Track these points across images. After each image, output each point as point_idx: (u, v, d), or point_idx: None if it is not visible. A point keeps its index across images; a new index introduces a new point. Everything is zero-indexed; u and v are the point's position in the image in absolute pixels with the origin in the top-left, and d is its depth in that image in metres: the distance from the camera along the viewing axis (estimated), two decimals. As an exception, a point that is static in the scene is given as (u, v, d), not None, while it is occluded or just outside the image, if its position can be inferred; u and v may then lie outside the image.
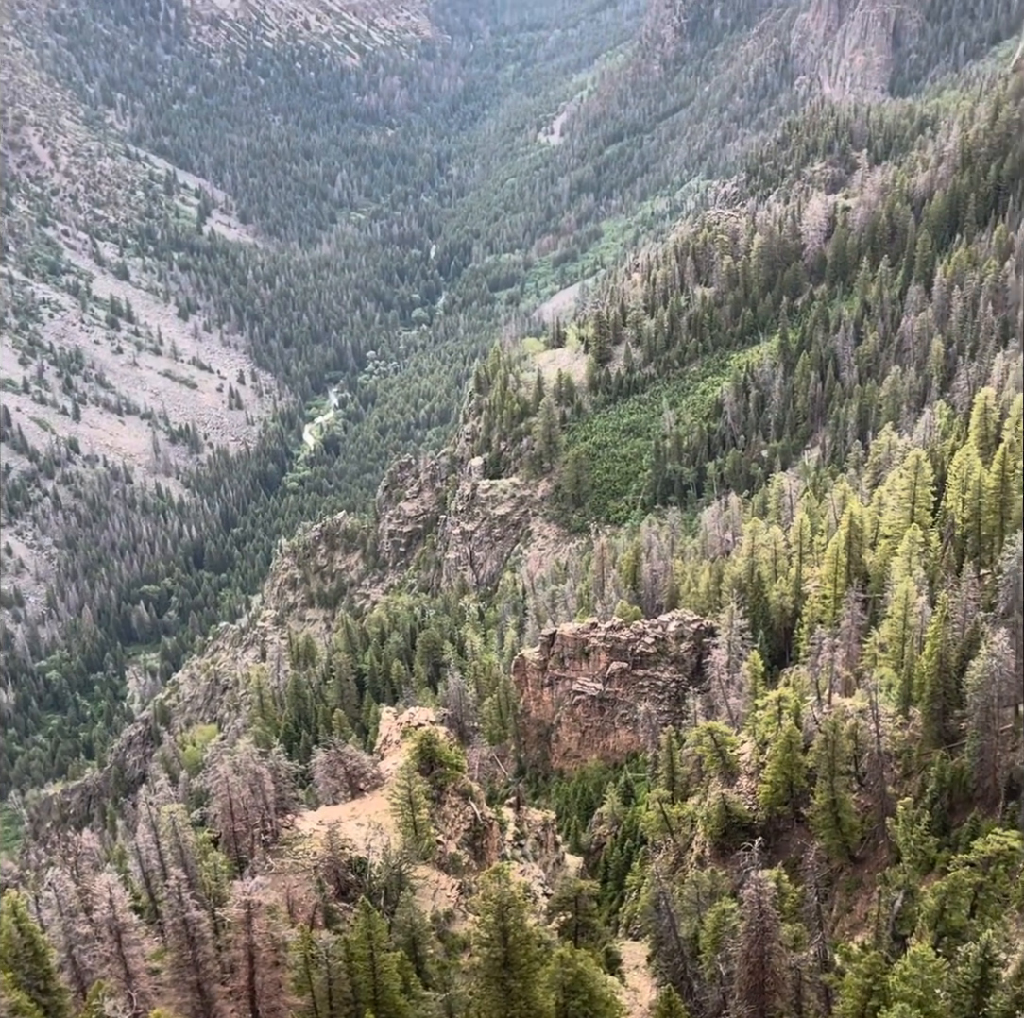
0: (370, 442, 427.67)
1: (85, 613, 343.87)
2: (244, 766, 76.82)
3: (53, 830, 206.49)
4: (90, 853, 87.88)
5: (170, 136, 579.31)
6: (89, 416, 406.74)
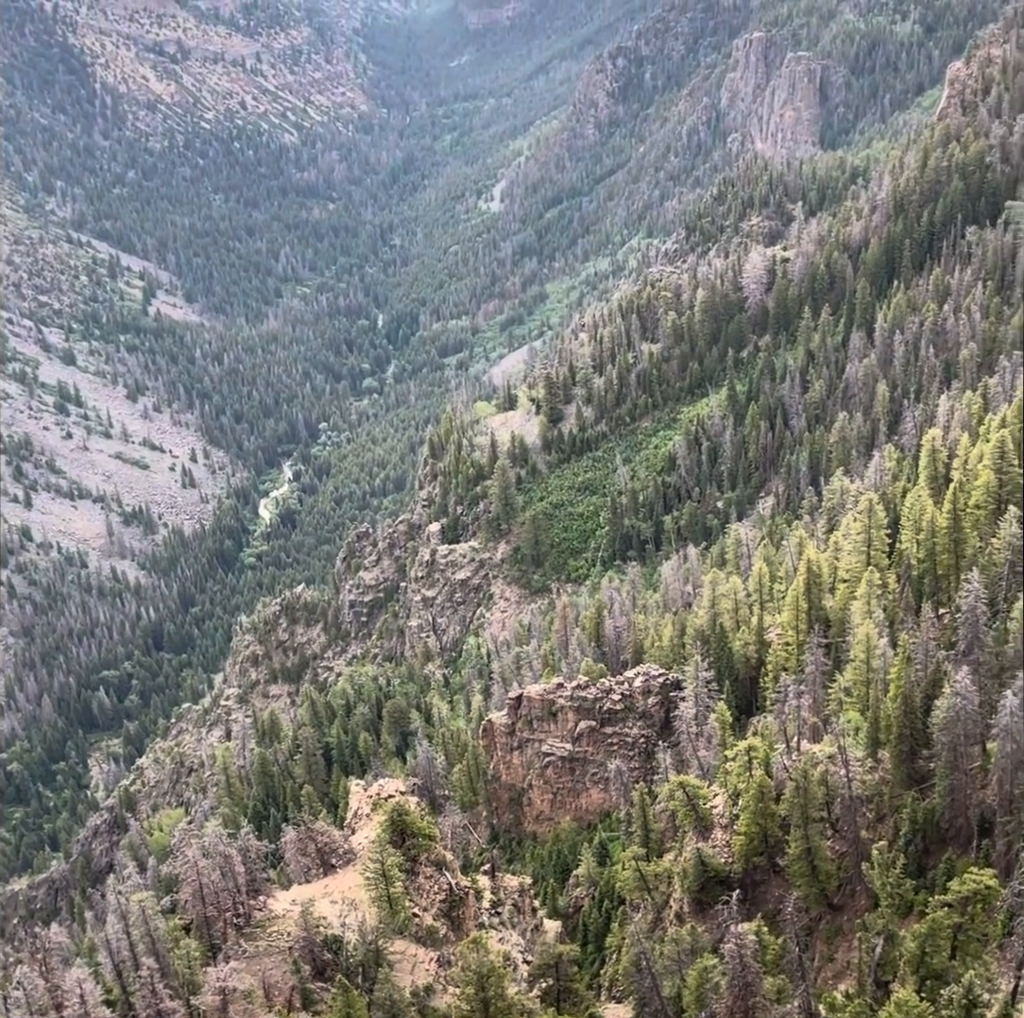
0: (326, 513, 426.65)
1: (44, 702, 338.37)
2: (213, 849, 75.65)
3: (20, 926, 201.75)
4: (59, 948, 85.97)
5: (112, 220, 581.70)
6: (41, 502, 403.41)
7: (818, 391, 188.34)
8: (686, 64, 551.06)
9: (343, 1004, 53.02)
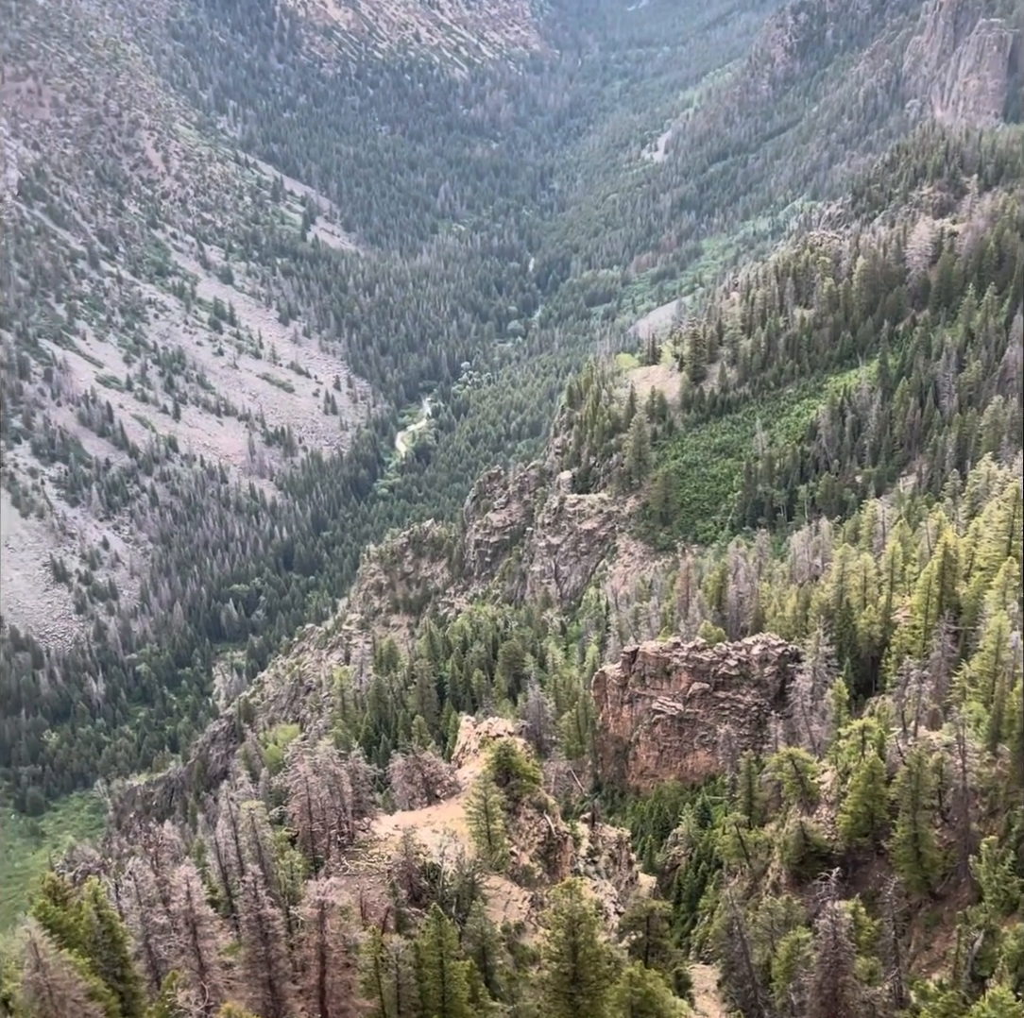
0: (461, 452, 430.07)
1: (176, 609, 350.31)
2: (324, 767, 77.59)
3: (136, 820, 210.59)
4: (170, 845, 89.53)
5: (279, 143, 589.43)
6: (189, 416, 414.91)
7: (974, 372, 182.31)
8: (870, 24, 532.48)
9: (436, 931, 54.16)
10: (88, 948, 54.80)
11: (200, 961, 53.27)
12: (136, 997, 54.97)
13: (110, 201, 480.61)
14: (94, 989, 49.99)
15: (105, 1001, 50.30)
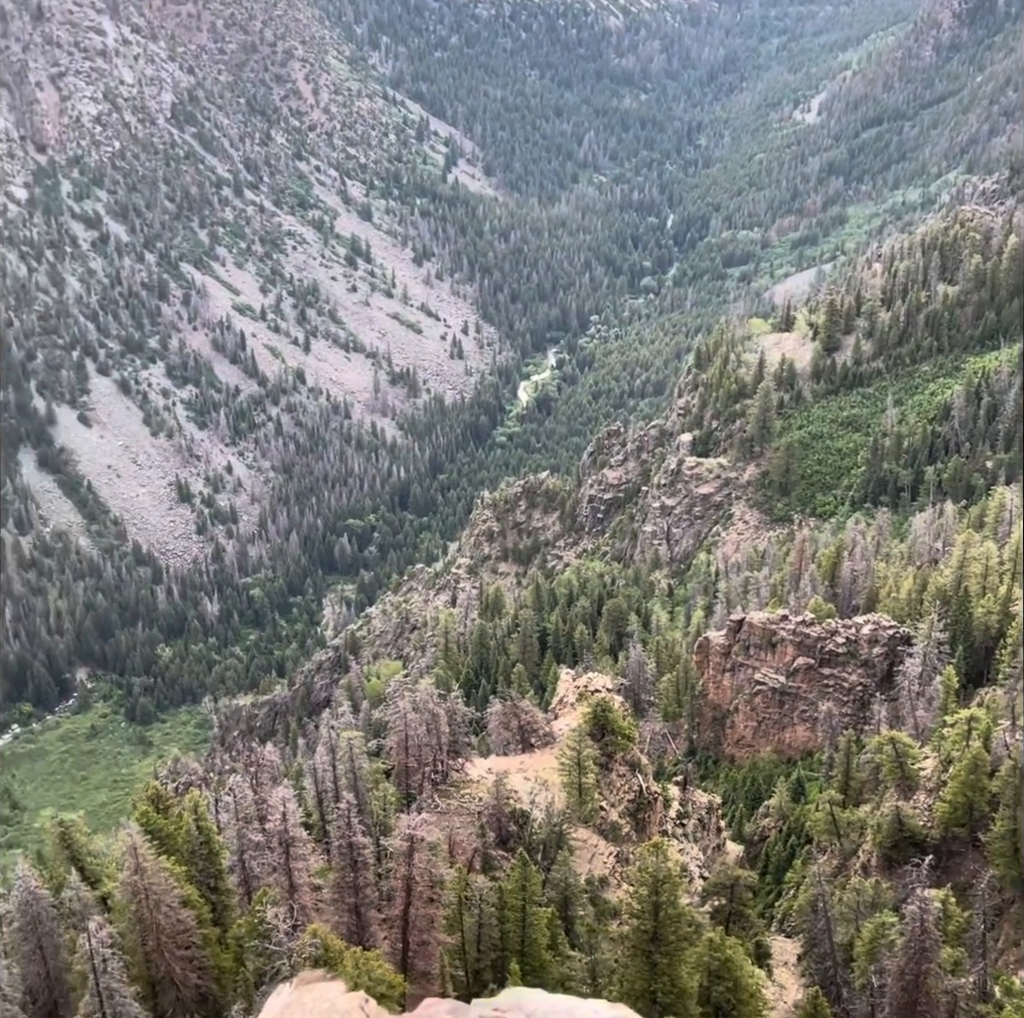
0: (582, 405, 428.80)
1: (292, 538, 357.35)
2: (423, 705, 78.68)
3: (239, 739, 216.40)
4: (270, 766, 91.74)
5: (428, 83, 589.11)
6: (318, 349, 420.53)
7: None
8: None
9: (520, 876, 54.80)
10: (185, 857, 56.62)
11: (290, 881, 54.67)
12: (227, 909, 56.80)
13: (258, 130, 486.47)
14: (188, 897, 51.70)
15: (198, 910, 52.01)
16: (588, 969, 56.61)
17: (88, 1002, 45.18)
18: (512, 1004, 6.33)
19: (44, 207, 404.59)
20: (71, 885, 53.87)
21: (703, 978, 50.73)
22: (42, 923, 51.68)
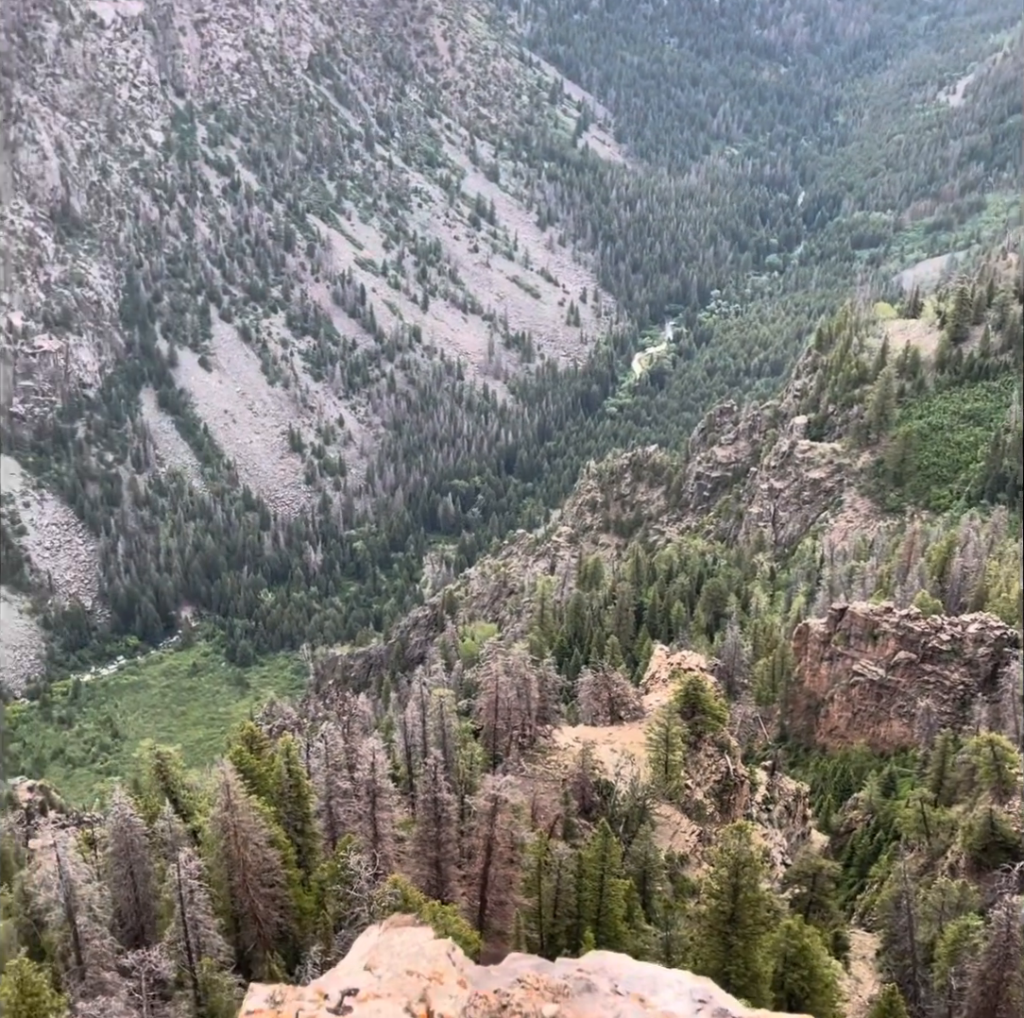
0: (696, 381, 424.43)
1: (398, 494, 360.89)
2: (515, 669, 79.13)
3: (333, 688, 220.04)
4: (362, 716, 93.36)
5: (564, 45, 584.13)
6: (436, 308, 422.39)
7: None
8: None
9: (601, 846, 54.96)
10: (274, 799, 57.87)
11: (375, 830, 55.57)
12: (312, 852, 57.96)
13: (393, 85, 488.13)
14: (275, 837, 52.88)
15: (283, 850, 53.19)
16: (663, 944, 56.60)
17: (173, 930, 46.54)
18: (596, 966, 6.29)
19: (179, 151, 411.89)
20: (164, 816, 55.46)
21: (778, 964, 50.39)
22: (135, 850, 53.29)
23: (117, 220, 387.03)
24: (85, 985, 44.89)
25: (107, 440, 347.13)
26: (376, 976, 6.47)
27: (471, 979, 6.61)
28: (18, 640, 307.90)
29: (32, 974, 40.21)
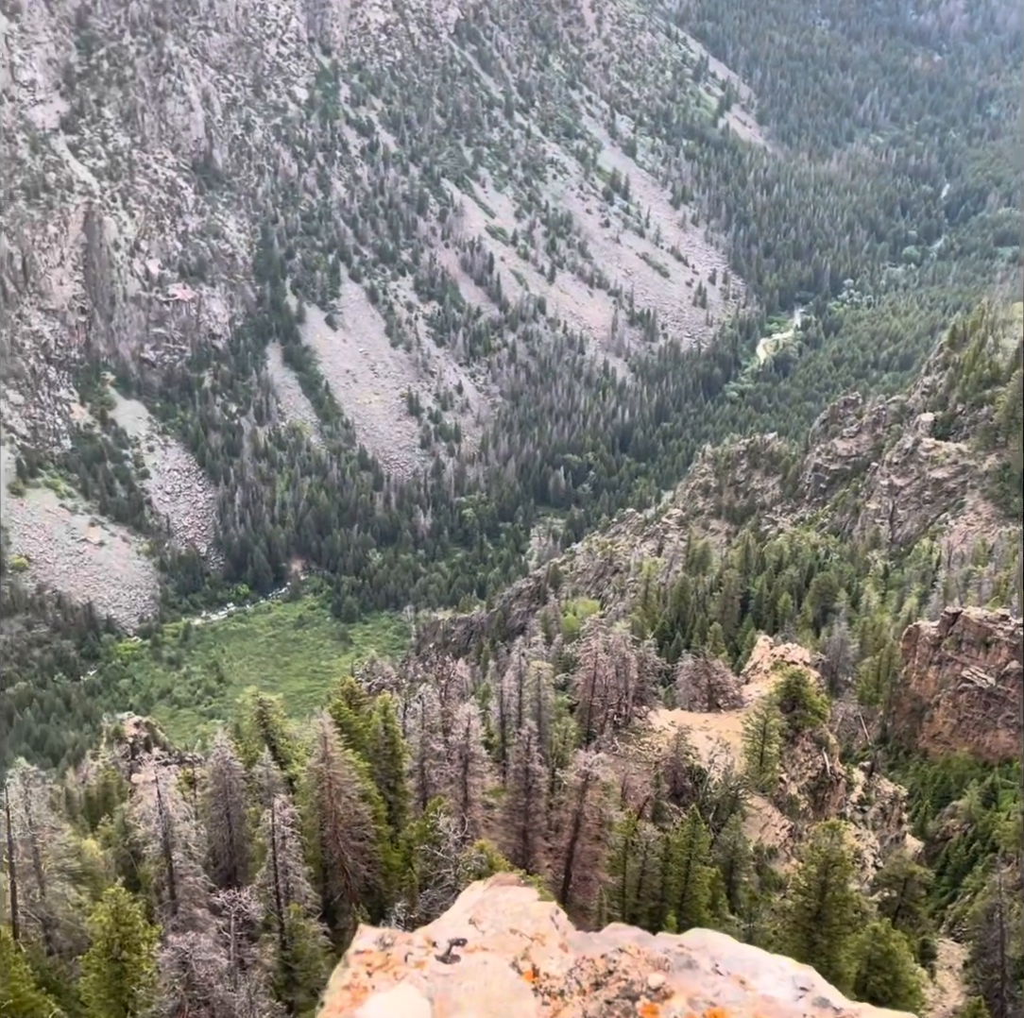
0: (821, 371, 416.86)
1: (510, 464, 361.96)
2: (615, 648, 78.97)
3: (434, 651, 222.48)
4: (460, 681, 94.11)
5: (713, 22, 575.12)
6: (562, 281, 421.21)
7: None
8: None
9: (690, 831, 54.71)
10: (369, 754, 58.70)
11: (465, 794, 56.05)
12: (402, 810, 58.71)
13: (536, 54, 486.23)
14: (368, 792, 53.67)
15: (375, 806, 53.97)
16: (745, 935, 56.14)
17: (264, 874, 47.57)
18: (698, 943, 6.19)
19: (321, 110, 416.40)
20: (263, 762, 56.67)
21: (861, 966, 49.68)
22: (232, 793, 54.57)
23: (256, 175, 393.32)
24: (177, 919, 46.20)
25: (232, 391, 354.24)
26: (480, 930, 6.47)
27: (572, 943, 6.57)
28: (134, 580, 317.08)
29: (127, 904, 41.48)
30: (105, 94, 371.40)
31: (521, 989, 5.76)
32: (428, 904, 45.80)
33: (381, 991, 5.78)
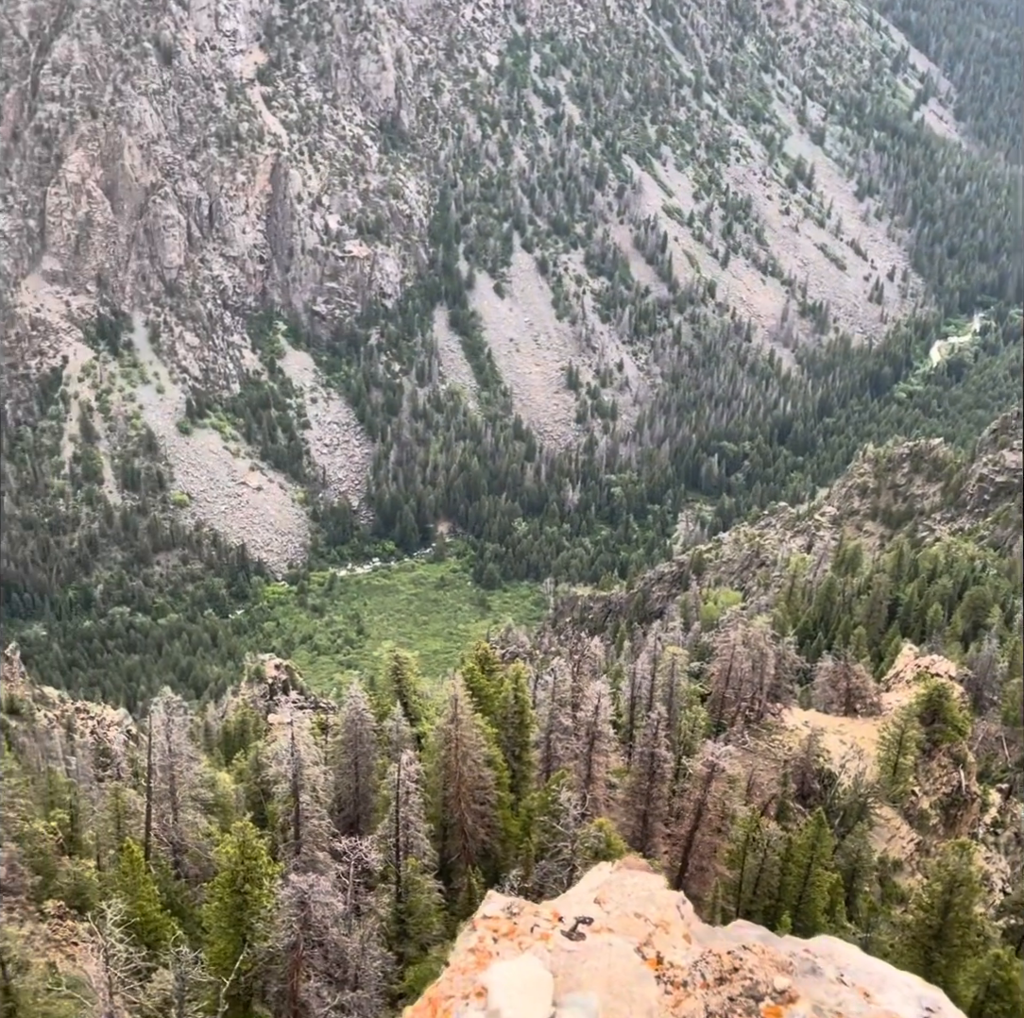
0: (996, 379, 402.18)
1: (664, 447, 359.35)
2: (754, 642, 78.04)
3: (569, 625, 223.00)
4: (593, 659, 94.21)
5: (918, 12, 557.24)
6: (735, 266, 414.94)
7: None
8: None
9: (814, 834, 53.83)
10: (497, 721, 59.24)
11: (589, 771, 56.17)
12: (525, 779, 59.15)
13: (731, 35, 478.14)
14: (493, 758, 54.20)
15: (499, 772, 54.47)
16: (860, 945, 54.93)
17: (386, 826, 48.54)
18: (824, 950, 6.11)
19: (510, 77, 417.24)
20: (394, 716, 57.72)
21: (979, 991, 48.23)
22: (362, 743, 55.77)
23: (440, 138, 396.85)
24: (299, 859, 47.49)
25: (396, 350, 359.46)
26: (605, 911, 6.47)
27: (696, 935, 6.52)
28: (287, 527, 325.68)
29: (253, 839, 42.79)
30: (302, 48, 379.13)
31: (644, 975, 5.74)
32: (543, 875, 46.12)
33: (505, 959, 5.83)
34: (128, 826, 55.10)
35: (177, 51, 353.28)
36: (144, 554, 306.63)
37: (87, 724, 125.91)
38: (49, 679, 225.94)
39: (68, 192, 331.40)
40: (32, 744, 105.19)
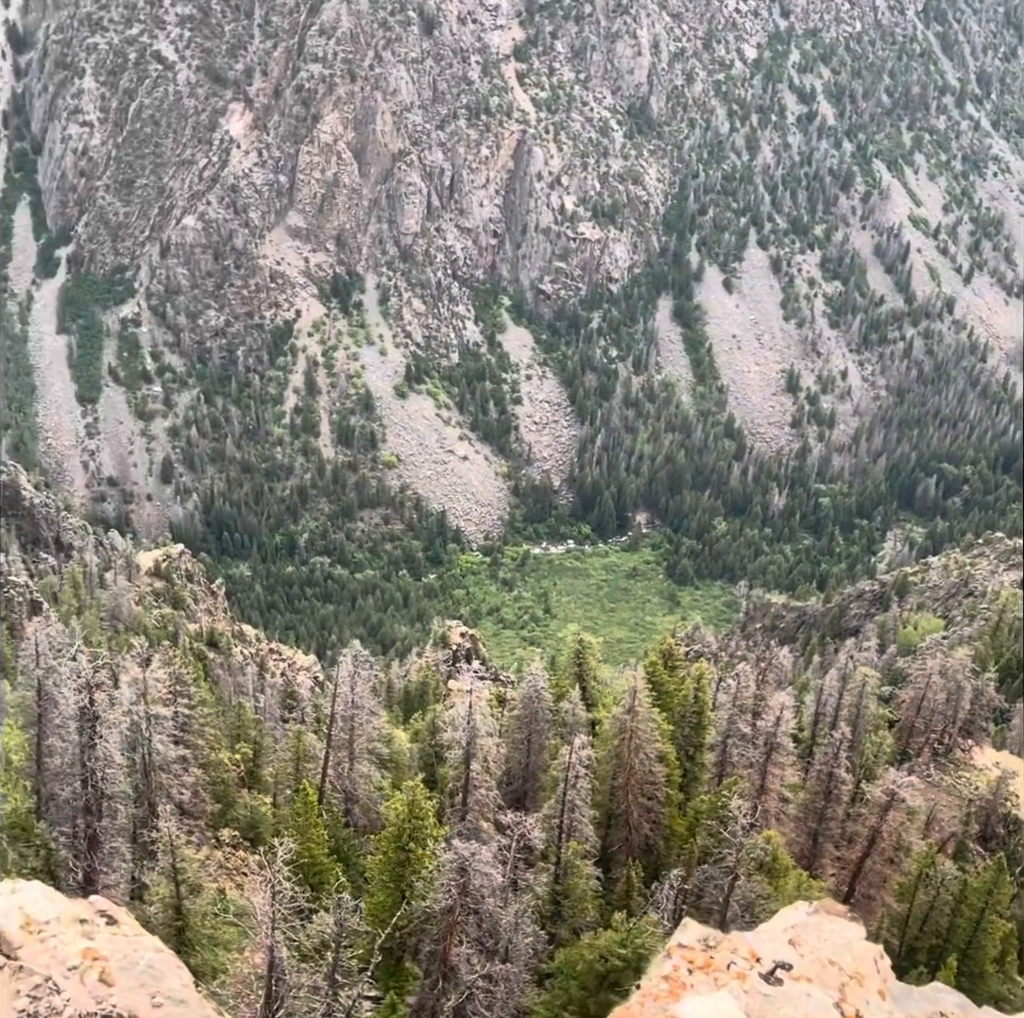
0: None
1: (880, 462, 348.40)
2: (952, 673, 75.17)
3: (759, 632, 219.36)
4: (780, 669, 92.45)
5: None
6: (978, 284, 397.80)
7: None
8: None
9: (992, 879, 51.46)
10: (674, 718, 58.70)
11: (763, 782, 55.10)
12: (696, 781, 58.50)
13: (1005, 44, 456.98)
14: (666, 754, 53.73)
15: (670, 769, 54.00)
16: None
17: (551, 806, 48.73)
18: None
19: (766, 71, 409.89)
20: (571, 699, 57.86)
21: None
22: (537, 721, 56.13)
23: (687, 127, 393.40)
24: (463, 826, 48.18)
25: (616, 336, 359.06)
26: (799, 954, 6.22)
27: (891, 992, 6.19)
28: (488, 499, 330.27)
29: (423, 799, 43.63)
30: (561, 27, 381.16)
31: (839, 1030, 5.44)
32: (703, 879, 45.48)
33: (700, 993, 5.64)
34: (306, 769, 57.01)
35: (439, 22, 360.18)
36: (349, 509, 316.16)
37: (279, 665, 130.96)
38: (248, 618, 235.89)
39: (320, 152, 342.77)
40: (226, 677, 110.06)
